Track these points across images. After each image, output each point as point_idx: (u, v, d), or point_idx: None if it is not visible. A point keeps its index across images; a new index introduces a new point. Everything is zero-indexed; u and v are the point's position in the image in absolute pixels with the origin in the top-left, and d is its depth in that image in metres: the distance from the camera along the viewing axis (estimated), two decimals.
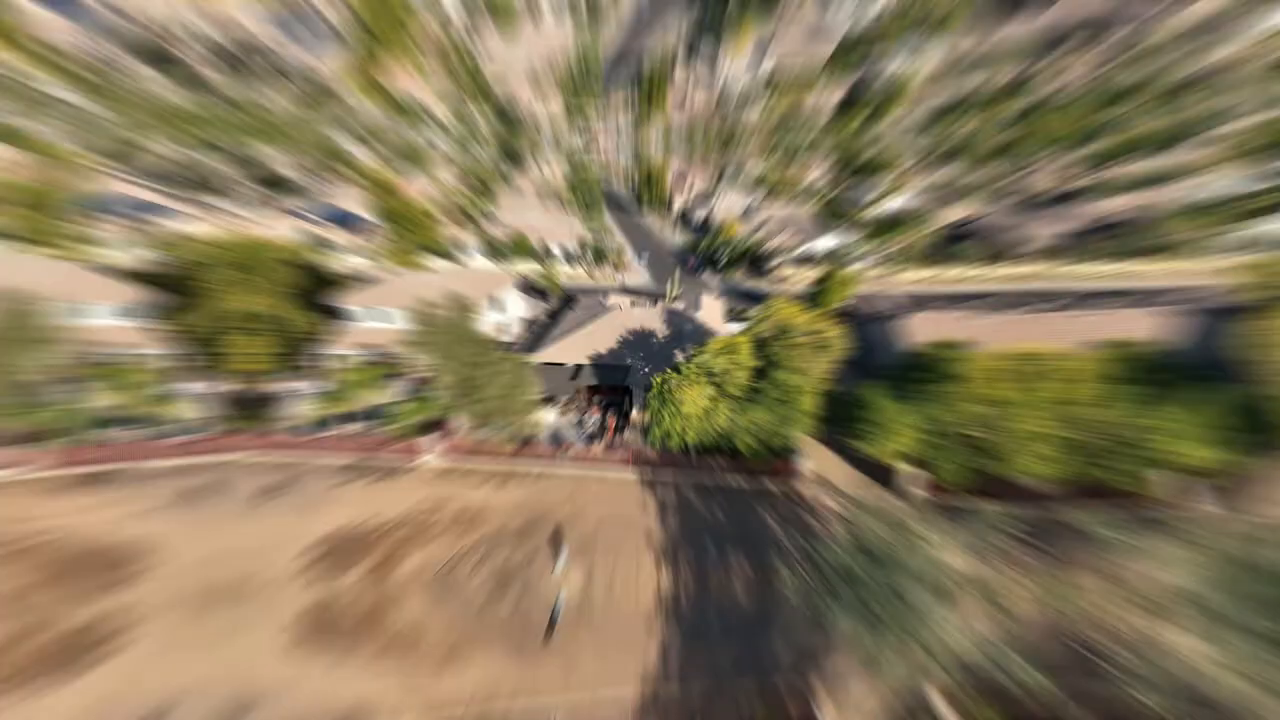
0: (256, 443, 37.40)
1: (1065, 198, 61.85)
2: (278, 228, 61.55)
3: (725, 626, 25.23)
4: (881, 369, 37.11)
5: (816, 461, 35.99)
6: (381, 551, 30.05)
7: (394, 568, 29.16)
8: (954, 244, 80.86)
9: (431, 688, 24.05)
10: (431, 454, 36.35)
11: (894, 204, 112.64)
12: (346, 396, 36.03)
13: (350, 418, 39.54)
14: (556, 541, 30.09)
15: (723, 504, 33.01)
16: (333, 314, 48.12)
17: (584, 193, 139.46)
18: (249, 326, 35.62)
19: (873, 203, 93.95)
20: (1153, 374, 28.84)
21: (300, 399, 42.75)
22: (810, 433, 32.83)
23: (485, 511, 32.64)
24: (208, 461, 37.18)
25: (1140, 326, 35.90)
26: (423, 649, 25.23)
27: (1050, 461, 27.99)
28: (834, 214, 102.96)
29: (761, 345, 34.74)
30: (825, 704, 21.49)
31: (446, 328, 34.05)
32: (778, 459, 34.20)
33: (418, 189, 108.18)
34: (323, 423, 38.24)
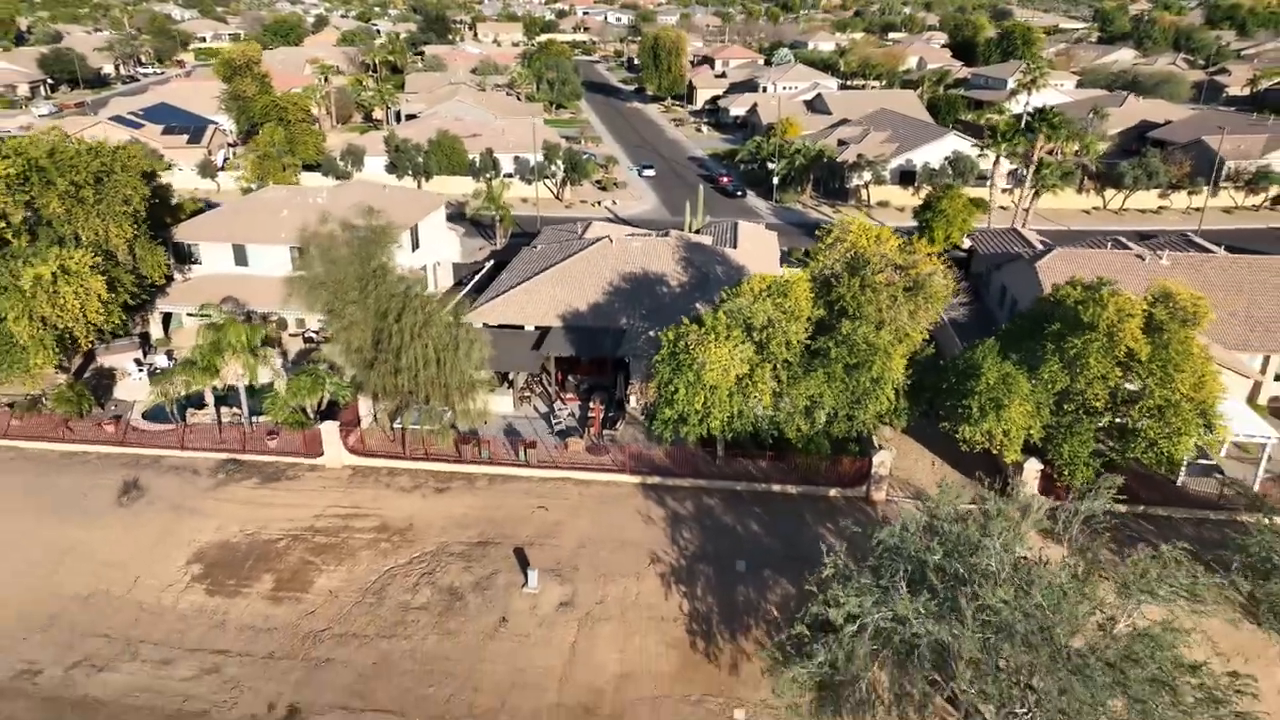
0: (98, 434, 40.45)
1: None
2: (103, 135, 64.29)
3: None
4: (1000, 329, 39.72)
5: (899, 458, 38.74)
6: (281, 570, 32.99)
7: (304, 590, 32.10)
8: (1134, 157, 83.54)
9: None
10: (336, 449, 39.18)
11: (1042, 96, 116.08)
12: (207, 369, 38.83)
13: (220, 401, 42.47)
14: (522, 565, 32.87)
15: (762, 517, 35.75)
16: (180, 256, 51.33)
17: (542, 66, 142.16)
18: (83, 264, 38.47)
19: (1014, 92, 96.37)
20: None
21: (145, 374, 45.91)
22: (894, 416, 35.46)
23: (418, 526, 35.50)
24: (35, 449, 40.43)
25: None
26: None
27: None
28: (951, 106, 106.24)
29: (826, 286, 37.34)
30: None
31: (351, 262, 36.62)
32: (845, 456, 36.88)
33: (293, 79, 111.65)
34: (181, 407, 41.12)
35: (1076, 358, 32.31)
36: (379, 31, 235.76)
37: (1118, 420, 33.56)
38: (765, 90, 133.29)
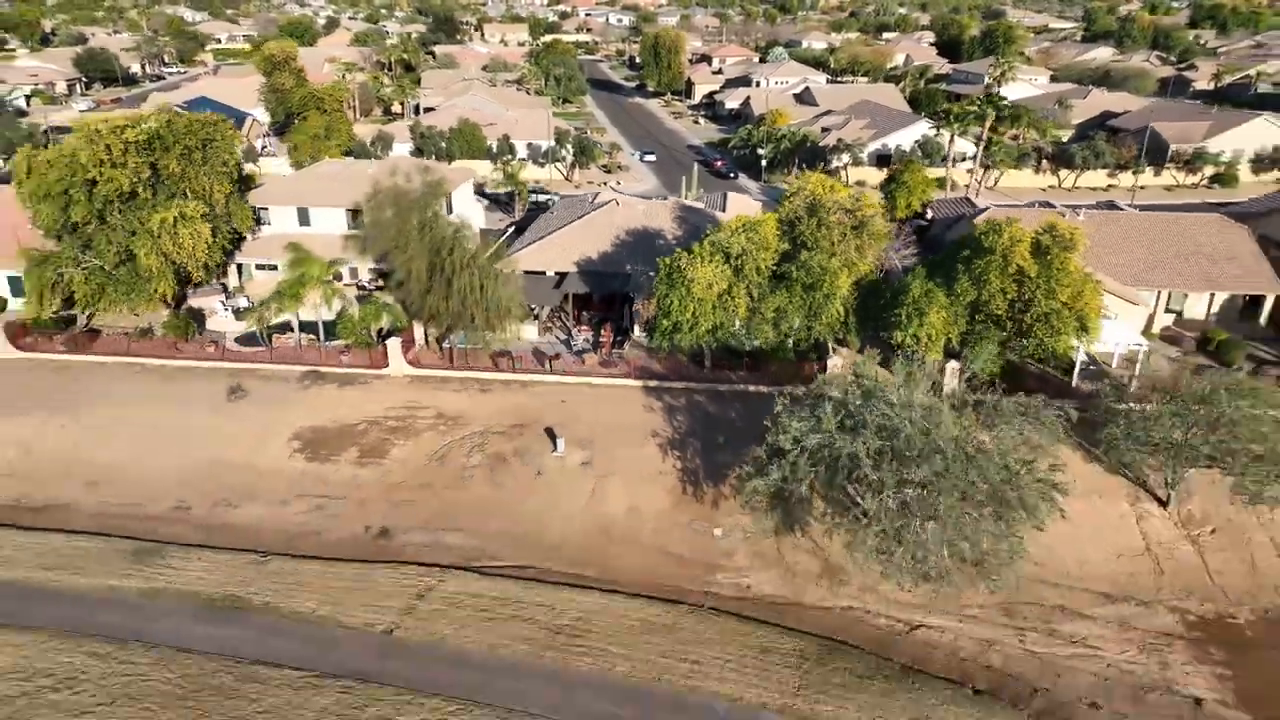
0: (202, 353, 50.10)
1: None
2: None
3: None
4: (929, 259, 49.24)
5: (848, 362, 48.20)
6: (364, 445, 42.50)
7: (382, 457, 41.63)
8: (1083, 142, 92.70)
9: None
10: (398, 361, 48.70)
11: (1015, 88, 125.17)
12: (294, 297, 48.25)
13: (304, 328, 52.04)
14: (551, 437, 42.32)
15: (739, 408, 45.14)
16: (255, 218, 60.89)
17: (549, 64, 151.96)
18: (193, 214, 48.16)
19: (989, 85, 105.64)
20: None
21: (230, 312, 55.63)
22: (842, 327, 44.86)
23: (466, 416, 44.96)
24: (153, 364, 50.01)
25: None
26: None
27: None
28: (930, 99, 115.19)
29: (791, 226, 46.89)
30: None
31: (413, 208, 46.16)
32: (804, 360, 46.31)
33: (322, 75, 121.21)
34: (268, 334, 50.64)
35: (980, 275, 41.78)
36: (389, 32, 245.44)
37: (1015, 328, 42.96)
38: (758, 85, 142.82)
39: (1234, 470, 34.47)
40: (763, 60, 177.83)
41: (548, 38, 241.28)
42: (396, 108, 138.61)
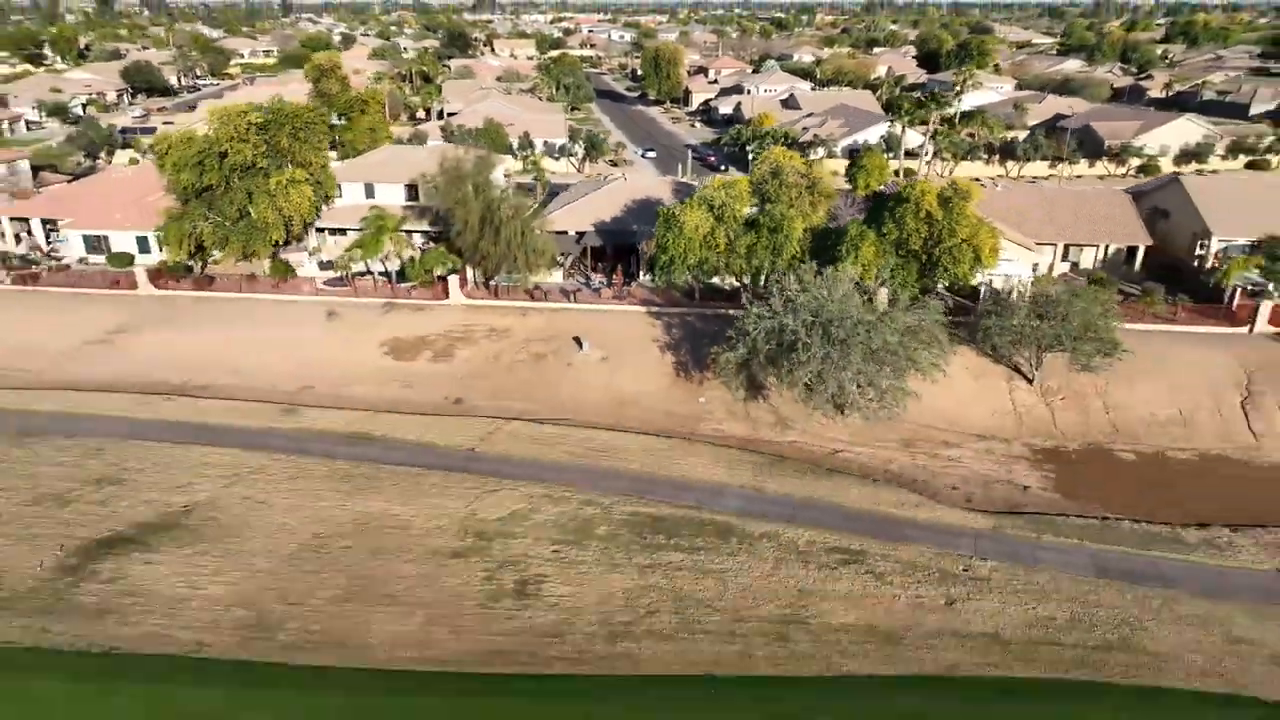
0: (298, 289, 64.15)
1: None
2: None
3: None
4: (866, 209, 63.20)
5: None
6: (436, 349, 56.39)
7: (450, 356, 55.52)
8: (1024, 144, 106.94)
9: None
10: (456, 294, 62.65)
11: (979, 95, 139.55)
12: (374, 245, 62.24)
13: (382, 273, 66.06)
14: (578, 343, 56.19)
15: (719, 325, 58.84)
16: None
17: (557, 78, 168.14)
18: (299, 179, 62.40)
19: (957, 92, 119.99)
20: None
21: (315, 264, 69.78)
22: (797, 262, 58.70)
23: (512, 330, 58.84)
24: (261, 297, 64.02)
25: None
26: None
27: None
28: (897, 106, 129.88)
29: (759, 187, 60.92)
30: None
31: (467, 177, 60.31)
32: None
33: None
34: (350, 276, 64.61)
35: (900, 218, 55.71)
36: (405, 48, 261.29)
37: (928, 260, 56.81)
38: (749, 92, 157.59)
39: (1070, 349, 48.38)
40: (755, 71, 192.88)
41: (554, 53, 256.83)
42: (420, 113, 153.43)
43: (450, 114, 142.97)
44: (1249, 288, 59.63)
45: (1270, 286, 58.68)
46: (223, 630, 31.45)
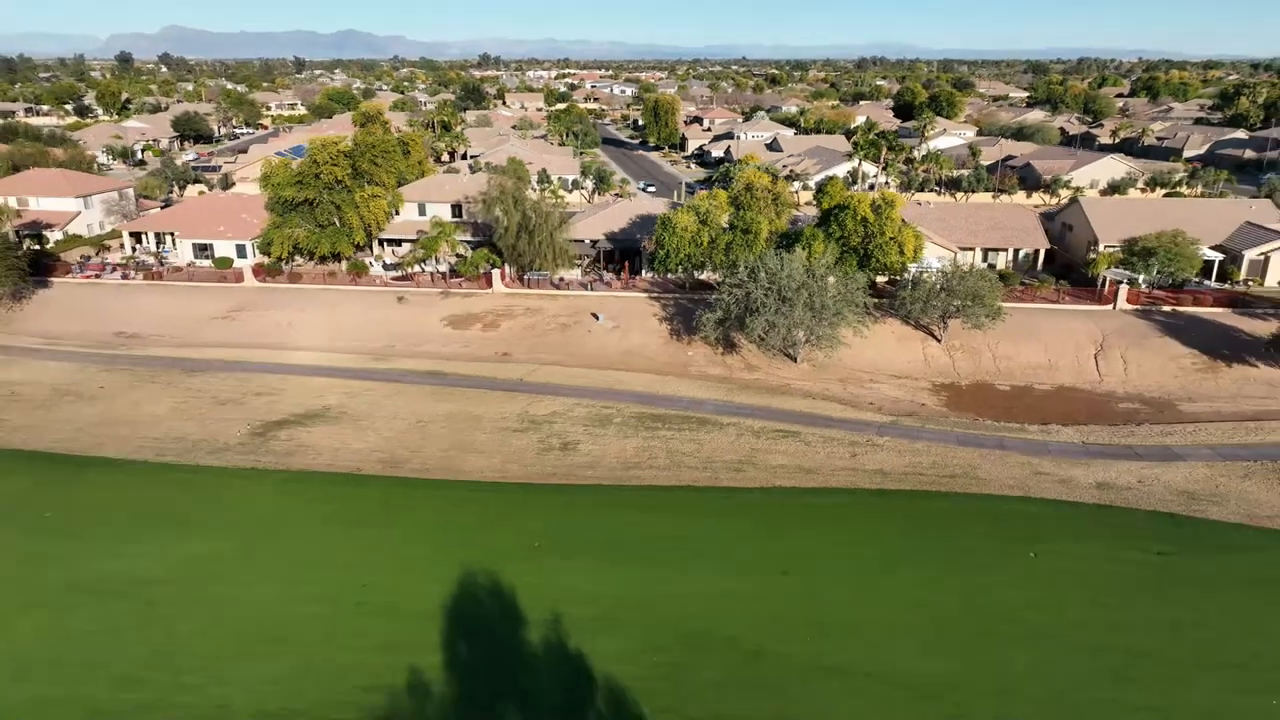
0: (372, 282, 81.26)
1: None
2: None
3: None
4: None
5: None
6: (485, 322, 73.22)
7: (497, 327, 72.34)
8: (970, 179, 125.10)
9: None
10: (498, 283, 79.68)
11: (941, 140, 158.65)
12: (433, 246, 79.37)
13: (435, 271, 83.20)
14: (595, 316, 72.99)
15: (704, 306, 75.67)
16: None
17: (567, 125, 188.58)
18: (374, 195, 79.88)
19: (921, 138, 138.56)
20: None
21: (381, 265, 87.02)
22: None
23: (543, 309, 75.70)
24: (341, 289, 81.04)
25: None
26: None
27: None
28: (857, 145, 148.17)
29: (736, 198, 78.40)
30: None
31: (511, 190, 77.82)
32: None
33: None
34: (411, 274, 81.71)
35: (843, 221, 72.82)
36: (424, 101, 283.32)
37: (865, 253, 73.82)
38: (738, 138, 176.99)
39: (964, 312, 65.18)
40: (746, 120, 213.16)
41: (561, 105, 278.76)
42: (445, 157, 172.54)
43: (473, 157, 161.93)
44: (1120, 279, 76.86)
45: (1128, 275, 75.79)
46: (370, 463, 47.78)
